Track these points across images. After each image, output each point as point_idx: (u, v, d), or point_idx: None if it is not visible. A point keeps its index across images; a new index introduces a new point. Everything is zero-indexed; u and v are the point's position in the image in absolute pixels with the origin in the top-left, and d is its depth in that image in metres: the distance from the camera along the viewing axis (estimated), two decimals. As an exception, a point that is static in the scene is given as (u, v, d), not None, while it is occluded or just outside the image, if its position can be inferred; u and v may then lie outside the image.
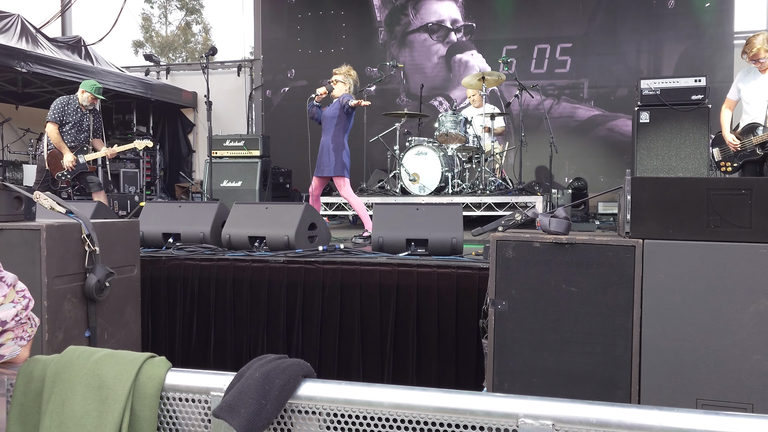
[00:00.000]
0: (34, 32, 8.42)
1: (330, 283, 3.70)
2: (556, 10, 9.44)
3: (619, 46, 9.29)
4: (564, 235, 2.44)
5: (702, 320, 2.21)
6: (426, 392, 1.13)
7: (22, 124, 10.05)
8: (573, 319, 2.36)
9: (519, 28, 9.65)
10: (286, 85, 10.71)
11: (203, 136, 10.10)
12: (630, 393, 2.30)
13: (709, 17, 8.89)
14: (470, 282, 3.45)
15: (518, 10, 9.69)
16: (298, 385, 1.18)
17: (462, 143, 7.01)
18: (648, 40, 9.19)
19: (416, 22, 10.10)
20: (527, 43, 9.57)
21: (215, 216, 4.41)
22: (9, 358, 1.29)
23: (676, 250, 2.24)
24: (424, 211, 4.15)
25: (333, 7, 10.44)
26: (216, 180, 7.91)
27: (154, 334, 4.00)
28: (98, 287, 2.76)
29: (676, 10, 9.02)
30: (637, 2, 9.12)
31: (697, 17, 8.95)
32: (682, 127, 6.43)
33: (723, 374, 2.19)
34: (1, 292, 1.25)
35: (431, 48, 10.03)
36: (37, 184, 6.10)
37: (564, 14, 9.43)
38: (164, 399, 1.23)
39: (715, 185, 2.23)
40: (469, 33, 9.89)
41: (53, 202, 2.75)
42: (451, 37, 9.95)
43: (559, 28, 9.47)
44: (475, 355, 3.41)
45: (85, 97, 6.09)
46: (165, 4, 30.84)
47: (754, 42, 4.76)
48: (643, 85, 6.57)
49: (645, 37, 9.18)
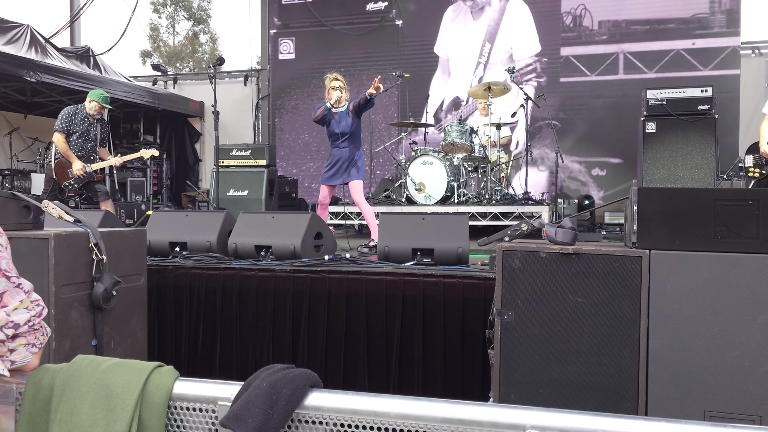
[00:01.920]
0: (44, 42, 8.49)
1: (336, 292, 3.70)
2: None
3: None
4: (570, 245, 2.43)
5: (709, 331, 2.20)
6: (433, 403, 1.13)
7: (30, 133, 10.13)
8: (579, 330, 2.36)
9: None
10: (292, 95, 10.75)
11: (210, 146, 10.13)
12: (637, 404, 2.29)
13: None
14: (476, 292, 3.45)
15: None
16: (305, 395, 1.18)
17: (468, 153, 7.02)
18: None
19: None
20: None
21: (222, 225, 4.42)
22: (19, 365, 1.30)
23: (683, 261, 2.24)
24: (430, 220, 4.15)
25: (338, 16, 10.49)
26: (222, 189, 7.93)
27: (160, 343, 4.00)
28: (105, 296, 2.77)
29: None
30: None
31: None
32: (689, 137, 6.42)
33: (731, 386, 2.18)
34: (18, 297, 1.27)
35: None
36: (45, 193, 6.14)
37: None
38: (172, 408, 1.23)
39: (722, 196, 2.23)
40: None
41: (61, 211, 2.77)
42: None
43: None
44: (481, 366, 3.40)
45: (92, 106, 6.13)
46: (173, 15, 31.07)
47: None
48: (649, 95, 6.57)
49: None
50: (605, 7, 9.51)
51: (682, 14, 9.15)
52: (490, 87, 7.12)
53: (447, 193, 6.83)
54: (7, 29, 7.95)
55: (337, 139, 5.54)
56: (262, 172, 8.15)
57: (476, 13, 10.15)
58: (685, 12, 9.14)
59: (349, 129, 5.54)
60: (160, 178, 10.88)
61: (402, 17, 10.31)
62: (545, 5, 9.80)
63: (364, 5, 10.46)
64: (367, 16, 10.45)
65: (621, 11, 9.45)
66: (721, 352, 2.19)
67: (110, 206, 6.23)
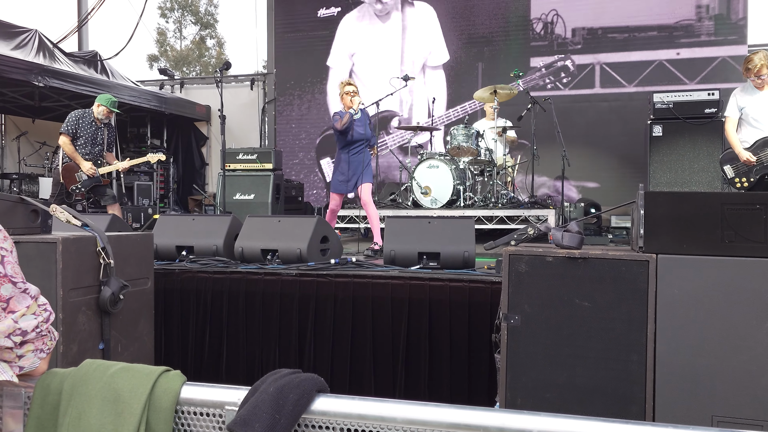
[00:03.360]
0: (51, 47, 8.55)
1: (342, 296, 3.71)
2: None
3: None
4: (577, 249, 2.43)
5: (717, 336, 2.19)
6: (439, 408, 1.13)
7: (38, 138, 10.19)
8: (586, 334, 2.35)
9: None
10: (299, 99, 10.77)
11: (216, 150, 10.17)
12: (644, 409, 2.28)
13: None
14: (483, 296, 3.44)
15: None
16: (312, 400, 1.18)
17: (474, 156, 7.01)
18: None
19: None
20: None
21: (228, 229, 4.43)
22: (28, 370, 1.31)
23: (691, 265, 2.23)
24: (435, 224, 4.15)
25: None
26: (229, 193, 7.95)
27: (167, 347, 4.01)
28: (112, 300, 2.78)
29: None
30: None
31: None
32: (696, 140, 6.41)
33: (738, 391, 2.17)
34: (25, 303, 1.27)
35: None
36: (53, 197, 6.17)
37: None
38: (179, 413, 1.23)
39: (729, 200, 2.22)
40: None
41: (69, 215, 2.78)
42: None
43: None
44: (487, 370, 3.40)
45: (100, 110, 6.16)
46: (180, 19, 31.21)
47: (754, 59, 4.82)
48: (655, 98, 6.56)
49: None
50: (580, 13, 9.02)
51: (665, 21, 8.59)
52: (496, 90, 7.11)
53: (453, 196, 6.83)
54: (15, 34, 8.00)
55: (356, 144, 5.48)
56: (268, 176, 8.17)
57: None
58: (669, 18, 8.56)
59: (368, 134, 5.55)
60: (166, 182, 10.92)
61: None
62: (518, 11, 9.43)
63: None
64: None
65: (598, 18, 8.96)
66: (728, 356, 2.18)
67: (117, 210, 6.25)
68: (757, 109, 4.91)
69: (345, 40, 10.38)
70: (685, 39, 8.62)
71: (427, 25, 9.97)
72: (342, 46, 10.40)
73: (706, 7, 8.51)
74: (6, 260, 1.27)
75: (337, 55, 10.41)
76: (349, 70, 10.31)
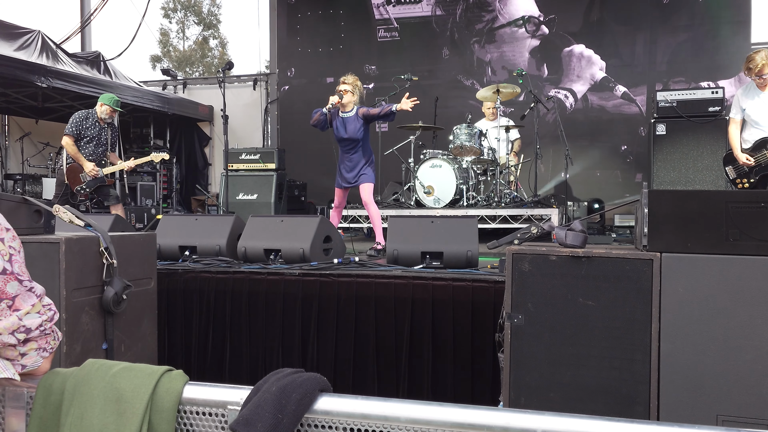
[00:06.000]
0: (54, 48, 8.56)
1: (345, 296, 3.70)
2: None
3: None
4: (581, 248, 2.42)
5: (722, 335, 2.18)
6: (443, 407, 1.12)
7: (41, 138, 10.21)
8: (590, 334, 2.34)
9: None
10: (302, 96, 10.77)
11: (219, 150, 10.18)
12: (649, 408, 2.27)
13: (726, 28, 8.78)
14: (486, 295, 3.43)
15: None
16: (315, 399, 1.18)
17: (477, 156, 7.00)
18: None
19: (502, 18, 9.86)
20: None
21: (231, 229, 4.43)
22: (30, 369, 1.31)
23: (695, 264, 2.22)
24: (439, 223, 4.14)
25: (343, 20, 10.52)
26: (232, 193, 7.96)
27: (170, 347, 4.01)
28: (116, 300, 2.78)
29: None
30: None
31: (715, 28, 8.85)
32: (699, 139, 6.39)
33: (743, 390, 2.16)
34: (30, 302, 1.28)
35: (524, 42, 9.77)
36: (57, 198, 6.18)
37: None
38: (181, 412, 1.23)
39: (733, 198, 2.21)
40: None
41: (72, 216, 2.79)
42: (543, 29, 9.66)
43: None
44: (491, 369, 3.39)
45: (104, 110, 6.18)
46: (183, 20, 31.24)
47: (755, 58, 4.77)
48: (659, 96, 6.54)
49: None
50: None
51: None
52: (499, 90, 7.10)
53: (456, 196, 6.81)
54: (18, 35, 8.02)
55: (346, 144, 5.41)
56: (271, 175, 8.17)
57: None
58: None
59: (356, 134, 5.33)
60: (169, 182, 10.93)
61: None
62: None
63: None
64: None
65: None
66: (733, 355, 2.17)
67: (120, 210, 6.26)
68: (757, 111, 4.89)
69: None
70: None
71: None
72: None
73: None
74: (14, 258, 1.28)
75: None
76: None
